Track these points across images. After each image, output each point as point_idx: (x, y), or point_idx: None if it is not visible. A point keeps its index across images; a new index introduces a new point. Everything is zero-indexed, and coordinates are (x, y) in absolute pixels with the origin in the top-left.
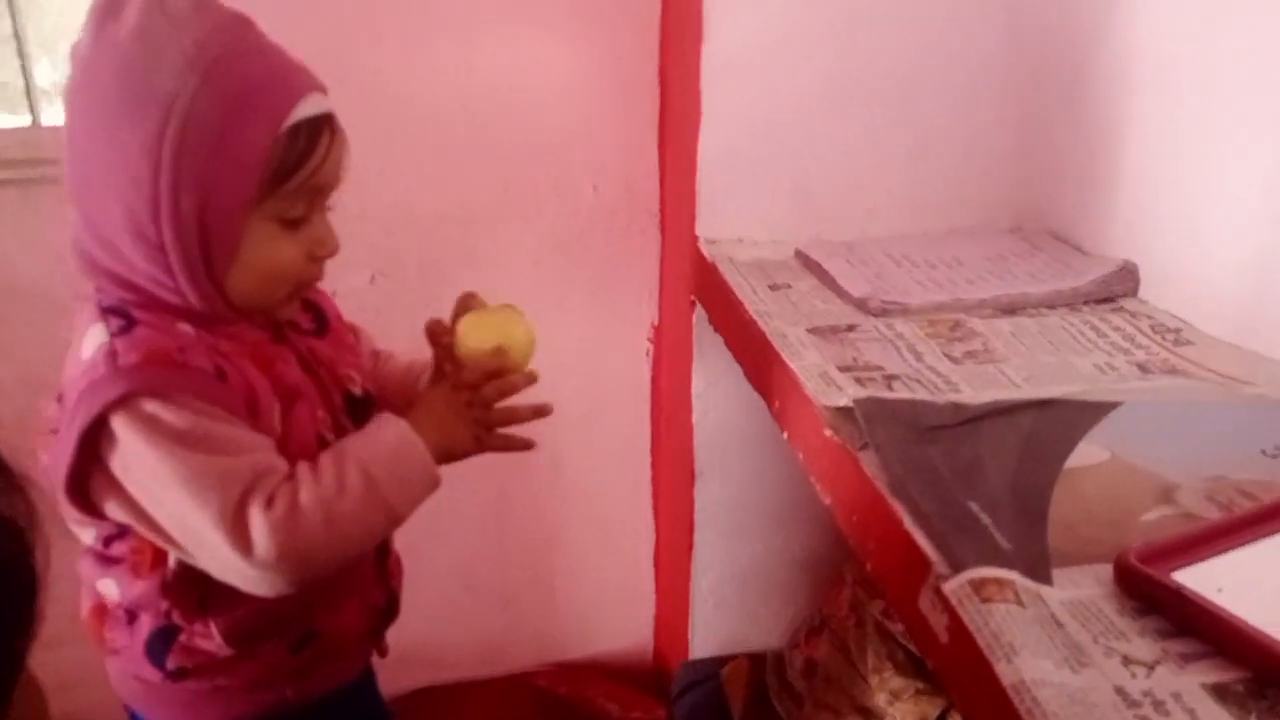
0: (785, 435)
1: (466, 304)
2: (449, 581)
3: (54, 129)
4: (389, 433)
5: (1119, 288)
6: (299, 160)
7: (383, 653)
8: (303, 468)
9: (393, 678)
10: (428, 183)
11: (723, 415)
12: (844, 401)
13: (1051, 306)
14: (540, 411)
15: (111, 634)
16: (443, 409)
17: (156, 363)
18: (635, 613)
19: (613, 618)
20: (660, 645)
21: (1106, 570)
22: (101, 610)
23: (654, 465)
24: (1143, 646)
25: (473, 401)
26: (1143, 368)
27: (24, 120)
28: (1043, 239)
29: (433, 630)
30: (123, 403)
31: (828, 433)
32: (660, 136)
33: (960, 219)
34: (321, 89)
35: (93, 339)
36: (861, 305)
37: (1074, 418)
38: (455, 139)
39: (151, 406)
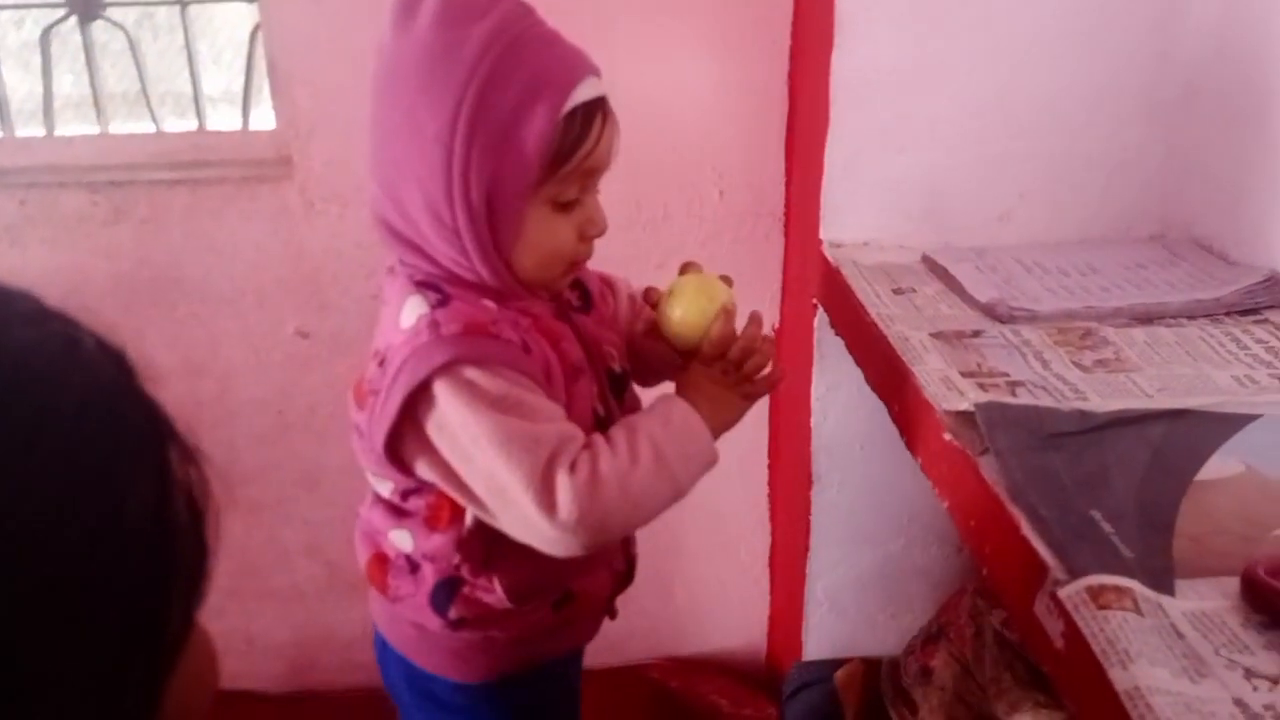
0: (905, 439)
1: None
2: None
3: (219, 133)
4: (675, 412)
5: (1264, 299)
6: (574, 145)
7: (613, 615)
8: (598, 439)
9: None
10: None
11: (842, 420)
12: (965, 406)
13: (1191, 317)
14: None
15: (396, 582)
16: (712, 389)
17: (475, 333)
18: (749, 612)
19: (727, 616)
20: (773, 645)
21: (1233, 583)
22: (383, 559)
23: (771, 468)
24: (1267, 660)
25: (740, 379)
26: None
27: (192, 125)
28: (1185, 248)
29: None
30: (446, 369)
31: (947, 437)
32: (787, 142)
33: (1098, 227)
34: (596, 72)
35: (412, 309)
36: (988, 311)
37: (1208, 429)
38: None
39: (471, 373)
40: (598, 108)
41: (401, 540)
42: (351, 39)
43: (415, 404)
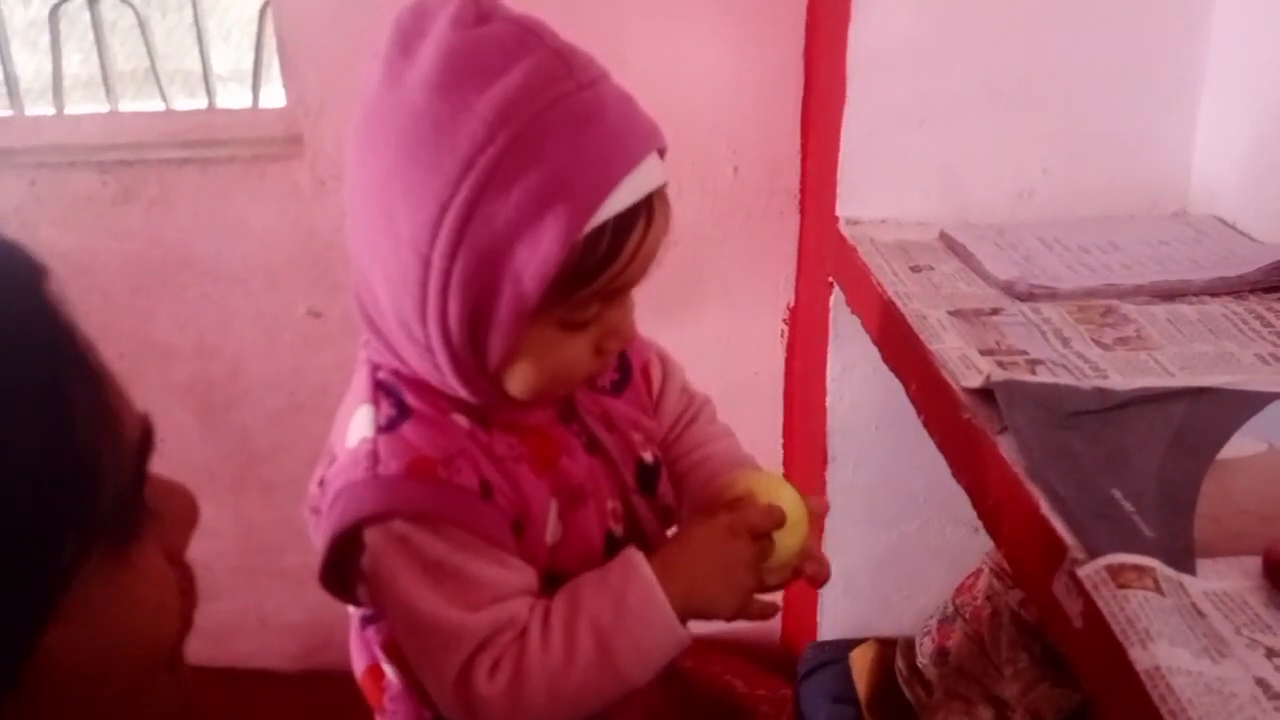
0: (922, 418)
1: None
2: None
3: (229, 111)
4: (632, 591)
5: None
6: (598, 267)
7: None
8: (534, 625)
9: None
10: None
11: (857, 399)
12: (983, 384)
13: (1214, 294)
14: (813, 580)
15: (392, 706)
16: (711, 558)
17: (418, 477)
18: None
19: None
20: (788, 626)
21: (1255, 563)
22: (378, 674)
23: (786, 447)
24: None
25: (758, 554)
26: None
27: (202, 103)
28: (1208, 225)
29: None
30: (377, 519)
31: (965, 415)
32: (803, 118)
33: (1119, 204)
34: (653, 149)
35: (359, 424)
36: (1007, 289)
37: (1231, 407)
38: None
39: (405, 529)
40: (639, 214)
41: (389, 670)
42: (362, 15)
43: (345, 542)
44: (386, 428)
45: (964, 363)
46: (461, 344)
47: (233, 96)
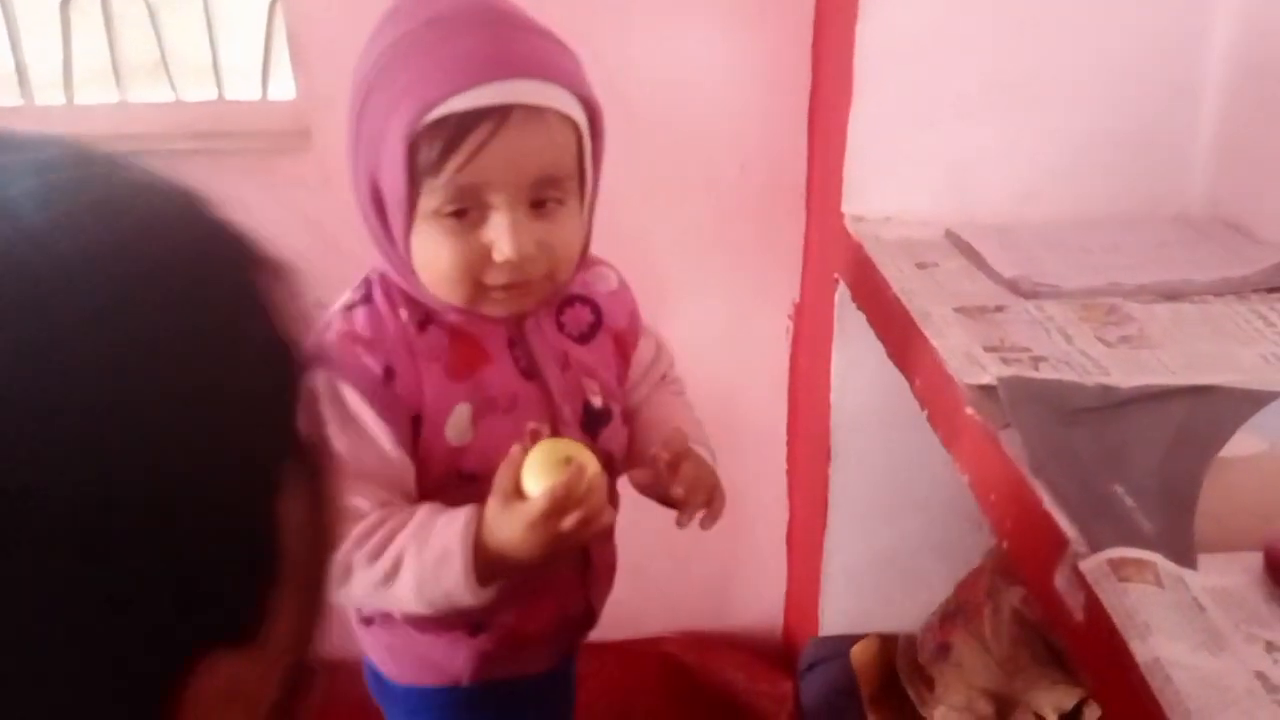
0: (926, 414)
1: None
2: None
3: (239, 103)
4: (447, 537)
5: None
6: (441, 156)
7: (574, 653)
8: (365, 524)
9: None
10: None
11: (862, 396)
12: (987, 380)
13: (1217, 294)
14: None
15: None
16: (520, 535)
17: (340, 345)
18: (766, 588)
19: (743, 591)
20: (789, 621)
21: (1255, 559)
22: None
23: (790, 444)
24: None
25: (554, 539)
26: None
27: (211, 94)
28: (1212, 226)
29: None
30: (314, 365)
31: (969, 411)
32: (810, 115)
33: (1123, 206)
34: (529, 74)
35: (335, 306)
36: (1012, 287)
37: (1232, 406)
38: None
39: (328, 379)
40: (484, 118)
41: None
42: (372, 9)
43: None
44: (344, 308)
45: (968, 359)
46: (377, 226)
47: (242, 89)
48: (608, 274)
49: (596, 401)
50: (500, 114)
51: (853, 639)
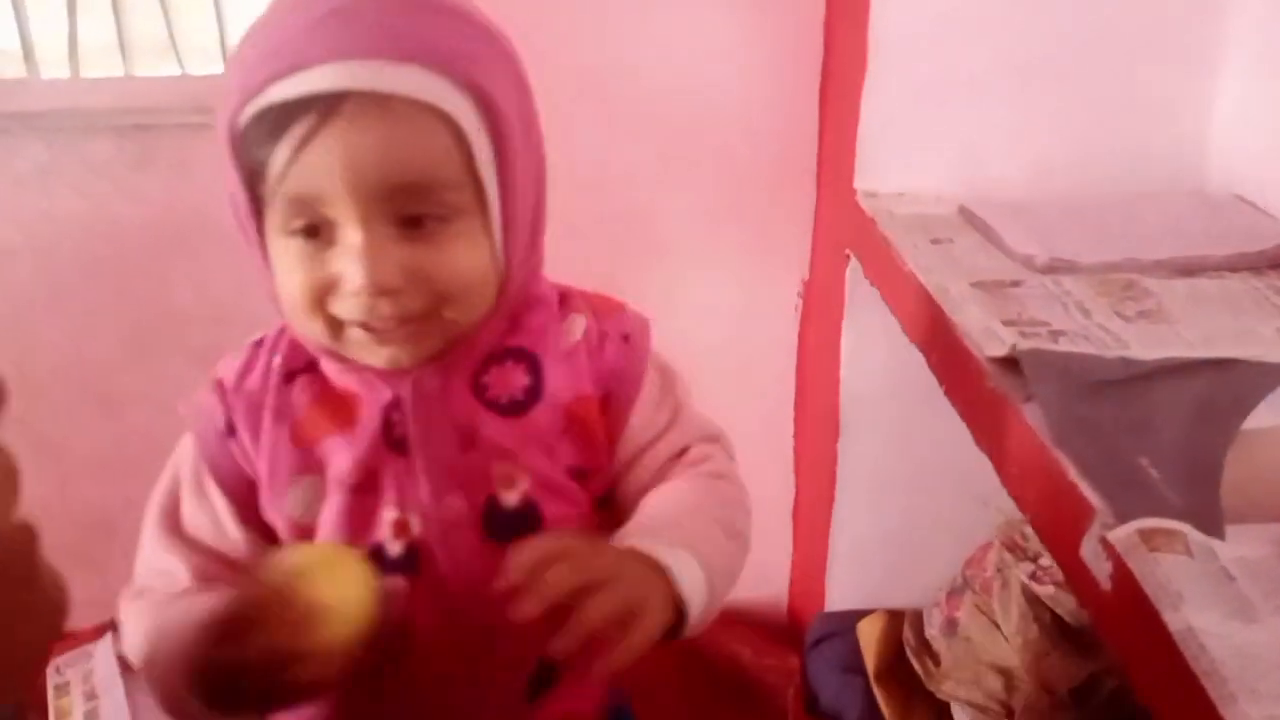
0: (944, 387)
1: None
2: None
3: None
4: (187, 618)
5: None
6: (262, 158)
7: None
8: (133, 606)
9: None
10: (592, 146)
11: (871, 372)
12: (1007, 353)
13: (1234, 270)
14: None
15: None
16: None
17: (206, 389)
18: (772, 563)
19: (749, 567)
20: (795, 597)
21: None
22: None
23: (797, 420)
24: None
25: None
26: None
27: (219, 68)
28: (1227, 202)
29: None
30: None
31: (990, 384)
32: (822, 90)
33: (1139, 181)
34: (359, 55)
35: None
36: (1028, 262)
37: (1254, 379)
38: (622, 99)
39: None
40: (307, 108)
41: None
42: None
43: None
44: (250, 344)
45: (987, 333)
46: (249, 239)
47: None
48: (579, 322)
49: (510, 498)
50: (327, 103)
51: (859, 614)
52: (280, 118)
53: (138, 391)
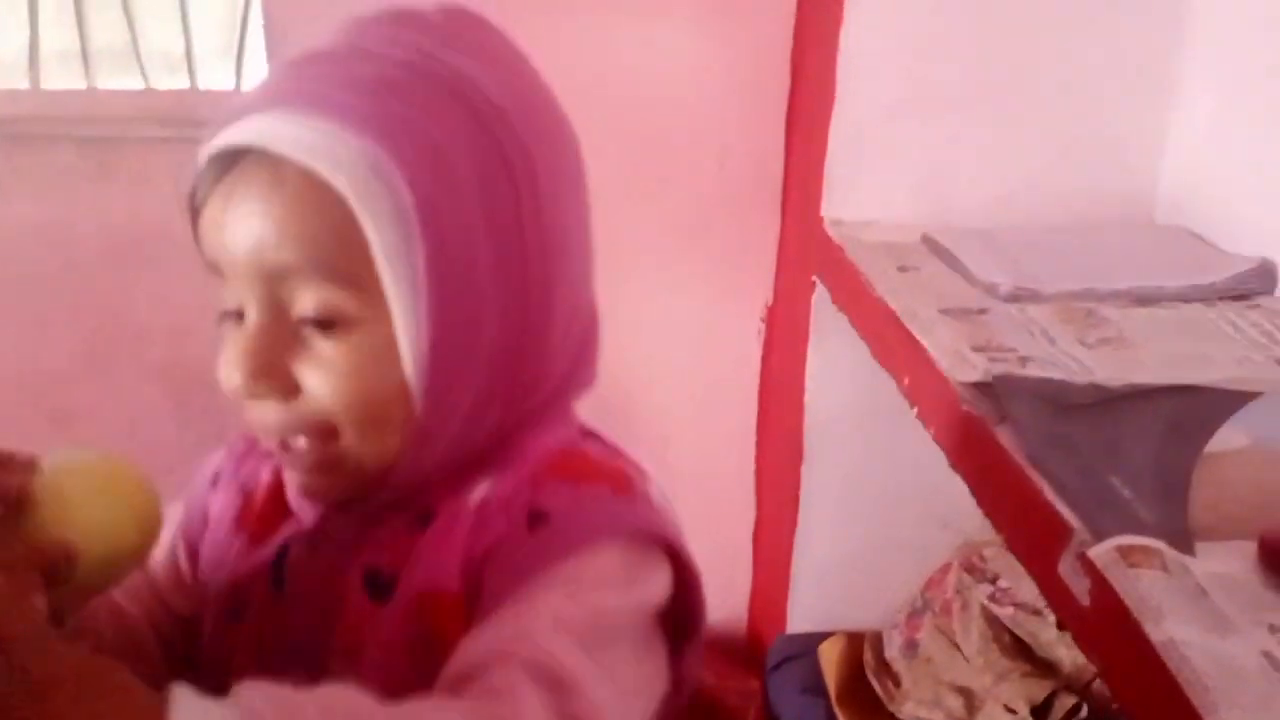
0: (915, 411)
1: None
2: None
3: (211, 92)
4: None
5: (1256, 285)
6: (193, 216)
7: None
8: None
9: None
10: None
11: (836, 397)
12: (979, 377)
13: (1187, 300)
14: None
15: None
16: None
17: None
18: (732, 586)
19: (708, 588)
20: (755, 620)
21: (1249, 547)
22: None
23: (759, 442)
24: None
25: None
26: None
27: (183, 83)
28: (1177, 235)
29: None
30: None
31: (965, 407)
32: (789, 117)
33: (1093, 212)
34: (274, 105)
35: None
36: (992, 290)
37: (1216, 404)
38: (587, 121)
39: None
40: (214, 164)
41: None
42: None
43: None
44: None
45: (958, 358)
46: None
47: (215, 76)
48: (482, 488)
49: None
50: (226, 160)
51: (820, 636)
52: (202, 171)
53: (91, 405)
